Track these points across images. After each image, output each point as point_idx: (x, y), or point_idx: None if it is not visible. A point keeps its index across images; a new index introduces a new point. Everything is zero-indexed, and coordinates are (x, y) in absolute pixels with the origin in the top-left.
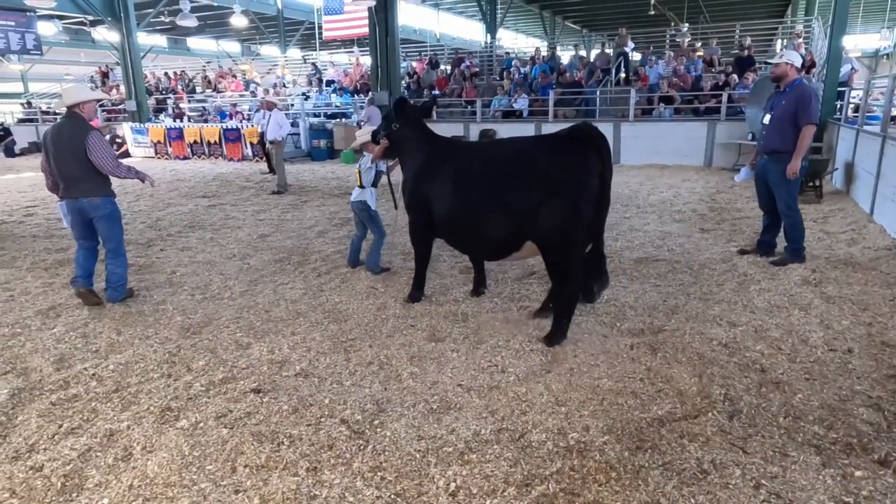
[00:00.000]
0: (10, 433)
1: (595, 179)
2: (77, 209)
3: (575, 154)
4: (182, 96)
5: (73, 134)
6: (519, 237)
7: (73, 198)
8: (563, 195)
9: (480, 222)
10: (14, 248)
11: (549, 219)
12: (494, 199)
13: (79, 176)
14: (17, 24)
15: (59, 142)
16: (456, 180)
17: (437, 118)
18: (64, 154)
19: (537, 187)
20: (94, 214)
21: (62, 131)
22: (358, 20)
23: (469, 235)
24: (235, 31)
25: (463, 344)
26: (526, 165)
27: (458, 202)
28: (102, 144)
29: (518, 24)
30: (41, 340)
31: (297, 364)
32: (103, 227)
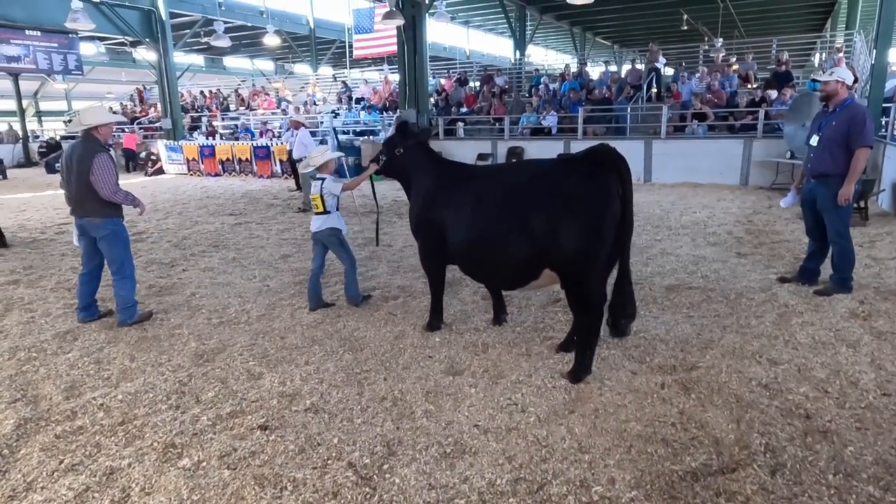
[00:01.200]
0: (11, 469)
1: (616, 202)
2: (81, 227)
3: (595, 176)
4: (216, 114)
5: (83, 154)
6: (537, 264)
7: (78, 216)
8: (584, 219)
9: (496, 249)
10: (42, 267)
11: (569, 244)
12: (511, 225)
13: (84, 196)
14: (59, 45)
15: (70, 161)
16: (470, 205)
17: (464, 135)
18: (73, 173)
19: (556, 212)
20: (96, 235)
21: (75, 151)
22: (387, 38)
23: (485, 264)
24: (269, 51)
25: (482, 378)
26: (544, 189)
27: (472, 228)
28: (106, 168)
29: (548, 40)
30: (55, 366)
31: (308, 398)
32: (105, 248)
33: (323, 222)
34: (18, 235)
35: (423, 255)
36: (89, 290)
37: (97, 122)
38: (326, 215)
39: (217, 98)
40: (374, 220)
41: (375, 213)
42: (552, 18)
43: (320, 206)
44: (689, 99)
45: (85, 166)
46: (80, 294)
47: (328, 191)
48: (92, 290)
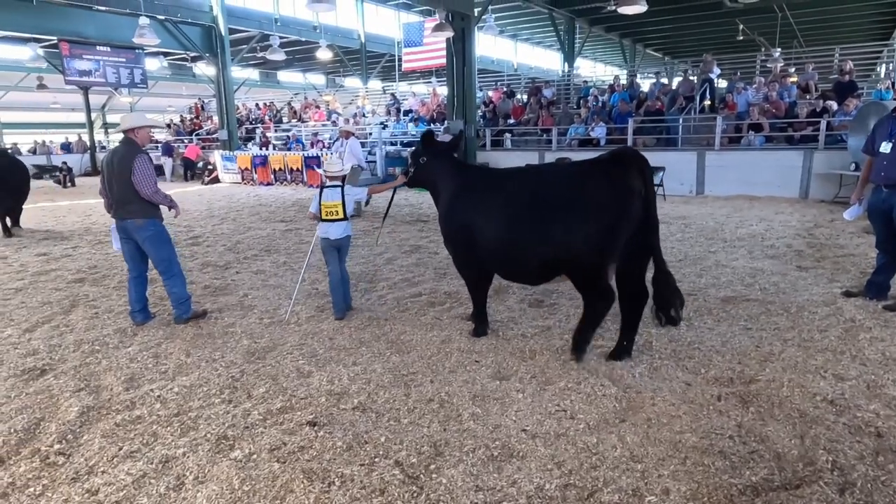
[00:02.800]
0: (74, 453)
1: (639, 202)
2: (123, 230)
3: (620, 178)
4: (269, 126)
5: (123, 157)
6: (562, 263)
7: (120, 218)
8: (605, 221)
9: (524, 250)
10: (105, 267)
11: (589, 244)
12: (541, 224)
13: (127, 197)
14: (127, 60)
15: (112, 164)
16: (497, 208)
17: (511, 146)
18: (115, 176)
19: (580, 214)
20: (139, 236)
21: (115, 155)
22: (436, 52)
23: (513, 263)
24: (321, 65)
25: (529, 384)
26: (572, 190)
27: (500, 230)
28: (146, 169)
29: (597, 52)
30: (116, 359)
31: (356, 397)
32: (149, 249)
33: (345, 229)
34: (85, 237)
35: (457, 263)
36: (141, 292)
37: (134, 125)
38: (346, 222)
39: (271, 110)
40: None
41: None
42: (601, 30)
43: (341, 212)
44: (745, 110)
45: (127, 168)
46: (134, 298)
47: (351, 197)
48: (143, 292)
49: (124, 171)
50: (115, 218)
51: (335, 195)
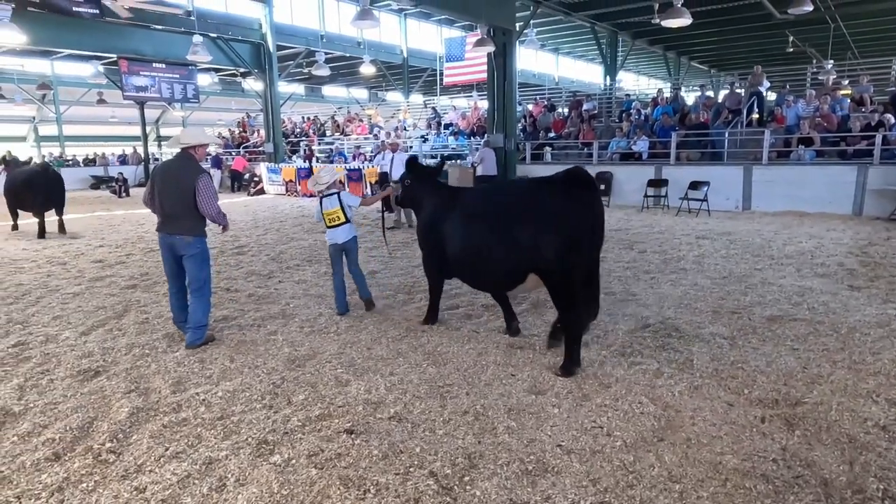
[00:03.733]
0: (124, 451)
1: (591, 215)
2: (169, 245)
3: (572, 194)
4: (313, 139)
5: (182, 173)
6: (524, 270)
7: (167, 233)
8: (565, 233)
9: (489, 258)
10: (156, 274)
11: (552, 254)
12: (501, 236)
13: (179, 213)
14: (180, 76)
15: (167, 178)
16: (465, 222)
17: (551, 159)
18: (170, 190)
19: (541, 225)
20: (185, 252)
21: (171, 168)
22: (478, 66)
23: (480, 270)
24: (364, 79)
25: (565, 399)
26: (530, 206)
27: (468, 241)
28: (211, 189)
29: (639, 65)
30: (164, 363)
31: (392, 407)
32: (191, 267)
33: (349, 231)
34: (138, 245)
35: (426, 266)
36: (184, 304)
37: (197, 142)
38: (349, 225)
39: (315, 124)
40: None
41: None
42: (645, 43)
43: (342, 217)
44: (794, 123)
45: (188, 185)
46: (177, 307)
47: (347, 203)
48: (185, 304)
49: (183, 188)
50: (162, 232)
51: (334, 203)
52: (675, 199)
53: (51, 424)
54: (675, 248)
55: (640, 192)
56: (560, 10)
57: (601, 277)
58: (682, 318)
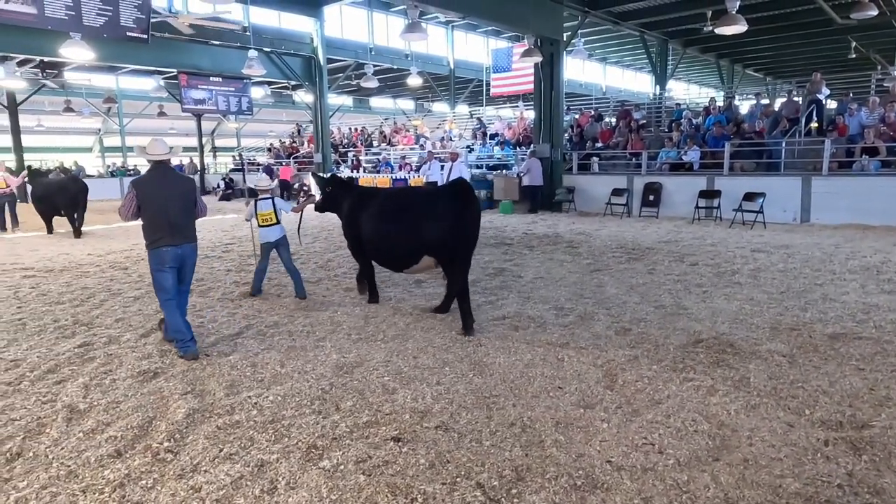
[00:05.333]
0: (181, 451)
1: (468, 215)
2: (179, 255)
3: (455, 199)
4: (361, 150)
5: (179, 183)
6: (419, 252)
7: (177, 244)
8: (449, 225)
9: (394, 243)
10: (210, 280)
11: (441, 241)
12: (403, 228)
13: (184, 222)
14: (235, 89)
15: (168, 190)
16: (376, 218)
17: (599, 170)
18: (175, 201)
19: (431, 220)
20: (190, 259)
21: (168, 180)
22: (524, 77)
23: (387, 253)
24: (411, 91)
25: (615, 414)
26: (423, 206)
27: (378, 231)
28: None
29: (690, 74)
30: (219, 366)
31: (439, 416)
32: (191, 271)
33: (280, 231)
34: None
35: (351, 251)
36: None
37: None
38: (280, 226)
39: (362, 135)
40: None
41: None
42: (696, 51)
43: (274, 218)
44: (857, 132)
45: (190, 194)
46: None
47: (280, 207)
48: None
49: (186, 197)
50: (172, 245)
51: (267, 206)
52: (729, 210)
53: (113, 422)
54: (729, 261)
55: (690, 204)
56: (609, 19)
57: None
58: (737, 334)
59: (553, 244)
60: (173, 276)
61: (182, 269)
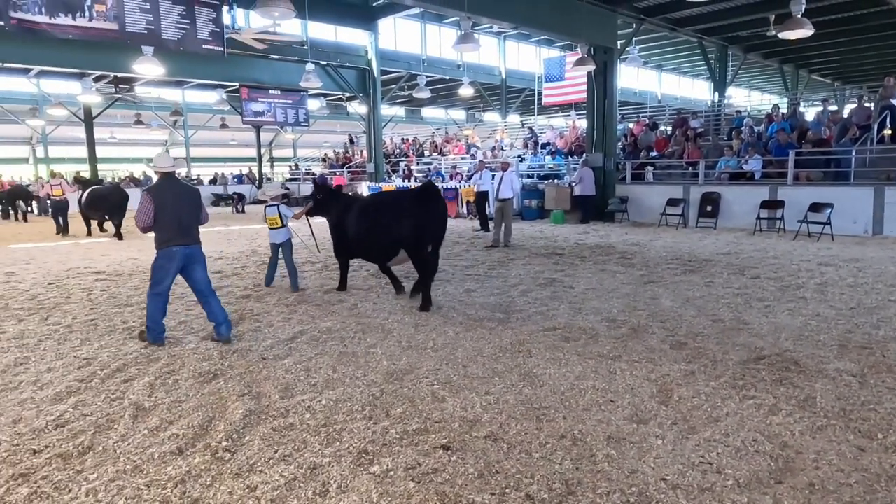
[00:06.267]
0: (238, 451)
1: (435, 213)
2: (186, 255)
3: (423, 200)
4: (412, 159)
5: (188, 191)
6: (395, 247)
7: (185, 245)
8: (417, 222)
9: (374, 240)
10: (284, 287)
11: (410, 236)
12: (380, 226)
13: (192, 225)
14: (293, 101)
15: (180, 198)
16: (359, 219)
17: (653, 179)
18: (186, 207)
19: (405, 219)
20: (198, 260)
21: (178, 189)
22: (577, 86)
23: (369, 248)
24: (462, 101)
25: (670, 430)
26: (397, 207)
27: (359, 230)
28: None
29: (752, 80)
30: (274, 369)
31: (488, 426)
32: (202, 270)
33: (286, 233)
34: (251, 258)
35: (335, 249)
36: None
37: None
38: (285, 229)
39: (414, 145)
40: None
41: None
42: (758, 57)
43: (279, 222)
44: None
45: (197, 201)
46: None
47: (284, 213)
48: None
49: (194, 203)
50: (179, 245)
51: (273, 211)
52: (793, 221)
53: (175, 421)
54: (793, 274)
55: (751, 214)
56: (665, 25)
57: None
58: (802, 352)
59: (605, 255)
60: (175, 274)
61: (193, 269)
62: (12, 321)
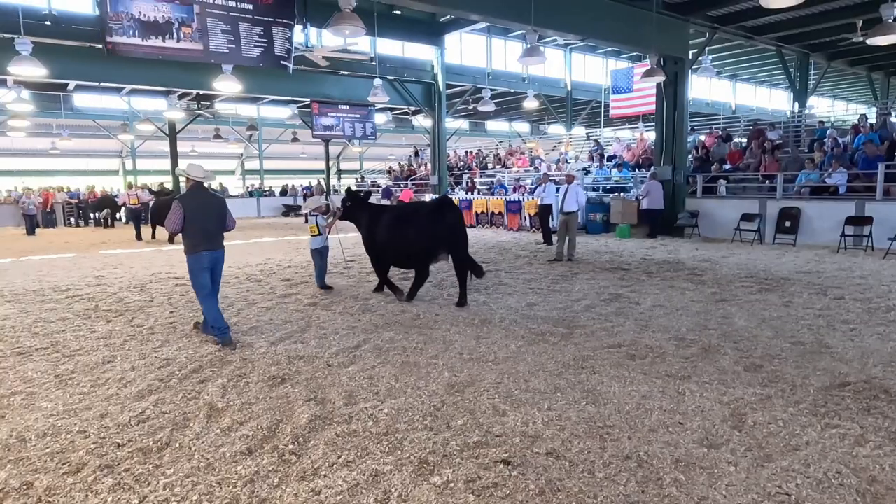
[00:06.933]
0: (304, 454)
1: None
2: (215, 259)
3: (442, 212)
4: (476, 172)
5: (215, 200)
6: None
7: (213, 249)
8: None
9: (401, 246)
10: (334, 294)
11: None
12: (407, 235)
13: (218, 232)
14: (361, 116)
15: (208, 207)
16: (387, 228)
17: (727, 193)
18: (213, 215)
19: (425, 228)
20: (222, 261)
21: (206, 198)
22: (646, 98)
23: (397, 254)
24: (526, 113)
25: (743, 457)
26: (419, 218)
27: (388, 239)
28: None
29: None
30: (338, 376)
31: (550, 442)
32: (220, 272)
33: (322, 241)
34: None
35: (372, 262)
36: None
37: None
38: (321, 236)
39: (477, 157)
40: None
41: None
42: (843, 65)
43: (316, 231)
44: None
45: (223, 209)
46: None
47: (320, 222)
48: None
49: (220, 212)
50: (209, 250)
51: (313, 221)
52: (883, 239)
53: (246, 422)
54: (883, 295)
55: (835, 231)
56: (741, 34)
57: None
58: (892, 379)
59: (674, 271)
60: (209, 276)
61: (214, 271)
62: (101, 322)
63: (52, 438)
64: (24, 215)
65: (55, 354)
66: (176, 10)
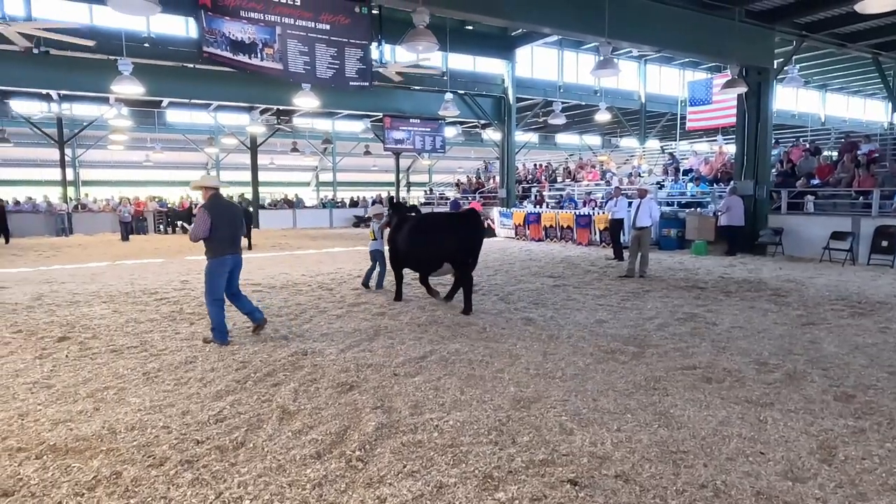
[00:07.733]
0: (370, 461)
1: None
2: (236, 262)
3: (464, 224)
4: (545, 185)
5: (237, 209)
6: (440, 259)
7: (235, 253)
8: (459, 240)
9: (426, 252)
10: (401, 304)
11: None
12: (428, 242)
13: (239, 237)
14: (431, 129)
15: (233, 214)
16: (409, 235)
17: (815, 210)
18: (237, 222)
19: (448, 237)
20: (241, 264)
21: (230, 206)
22: (725, 110)
23: (418, 260)
24: (598, 126)
25: (833, 494)
26: (443, 227)
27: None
28: None
29: None
30: (405, 386)
31: (619, 465)
32: (238, 274)
33: (378, 245)
34: (387, 278)
35: (391, 263)
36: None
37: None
38: (378, 241)
39: (547, 170)
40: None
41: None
42: None
43: (373, 236)
44: None
45: (240, 216)
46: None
47: (375, 228)
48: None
49: (240, 219)
50: (232, 254)
51: (370, 226)
52: None
53: (315, 426)
54: None
55: None
56: (832, 42)
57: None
58: None
59: (755, 291)
60: (226, 280)
61: (233, 273)
62: (185, 324)
63: (139, 432)
64: (120, 222)
65: (143, 353)
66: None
